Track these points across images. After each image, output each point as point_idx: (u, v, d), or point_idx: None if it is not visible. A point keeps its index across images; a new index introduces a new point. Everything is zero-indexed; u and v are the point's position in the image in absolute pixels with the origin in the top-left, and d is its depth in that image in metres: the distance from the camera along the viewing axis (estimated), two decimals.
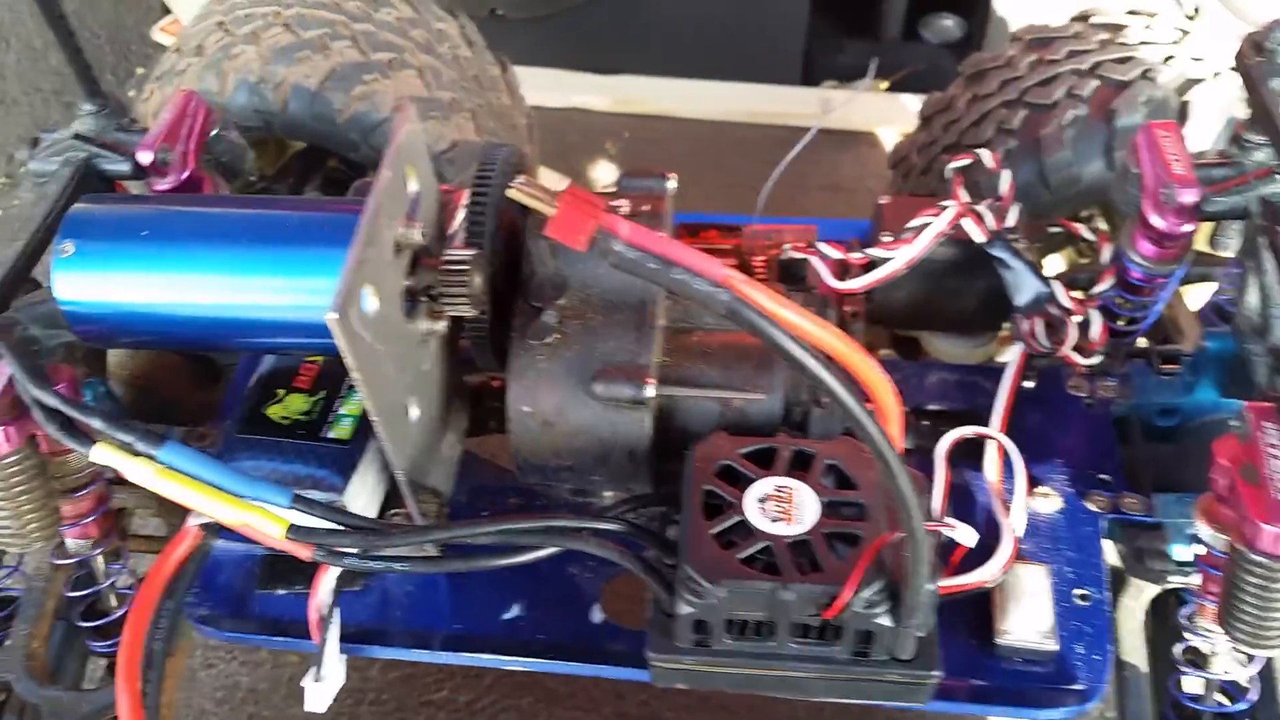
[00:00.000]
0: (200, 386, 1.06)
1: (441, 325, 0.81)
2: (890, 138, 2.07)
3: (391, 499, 0.86)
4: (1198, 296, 1.14)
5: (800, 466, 0.78)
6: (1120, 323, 0.96)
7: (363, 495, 0.85)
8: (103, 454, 0.74)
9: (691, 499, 0.76)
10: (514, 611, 0.86)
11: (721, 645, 0.73)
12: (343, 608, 0.85)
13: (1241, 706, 0.85)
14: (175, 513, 0.95)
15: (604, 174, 2.02)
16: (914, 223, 0.93)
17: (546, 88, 2.10)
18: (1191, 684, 0.87)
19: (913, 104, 2.09)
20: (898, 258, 0.91)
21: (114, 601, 0.94)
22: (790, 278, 1.00)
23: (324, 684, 0.81)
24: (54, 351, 0.82)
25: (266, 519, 0.74)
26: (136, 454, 0.74)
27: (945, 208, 0.93)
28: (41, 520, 0.82)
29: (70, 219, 0.80)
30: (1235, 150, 0.90)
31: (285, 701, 1.40)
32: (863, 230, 1.06)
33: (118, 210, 0.82)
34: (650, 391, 0.80)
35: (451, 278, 0.78)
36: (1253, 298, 0.85)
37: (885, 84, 2.14)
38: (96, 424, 0.74)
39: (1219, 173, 0.89)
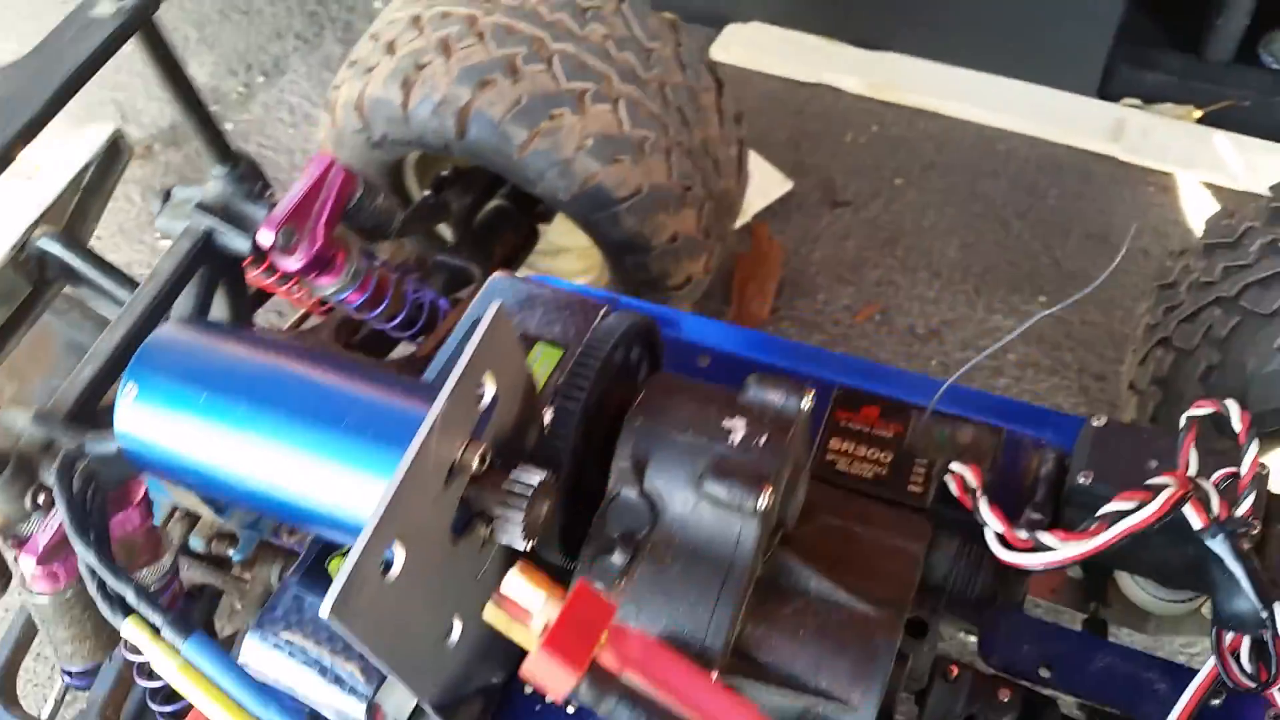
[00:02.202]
0: None
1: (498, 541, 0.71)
2: (1189, 185, 1.73)
3: None
4: None
5: None
6: None
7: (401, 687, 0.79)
8: (131, 630, 0.71)
9: None
10: None
11: None
12: None
13: None
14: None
15: (838, 173, 1.80)
16: (1109, 508, 0.74)
17: (795, 57, 1.88)
18: None
19: (1226, 146, 1.73)
20: (1066, 552, 0.73)
21: None
22: (952, 502, 0.83)
23: None
24: (121, 479, 0.79)
25: None
26: (162, 640, 0.70)
27: (1156, 490, 0.73)
28: (98, 638, 0.81)
29: (143, 353, 0.76)
30: None
31: None
32: (1070, 431, 0.87)
33: (190, 352, 0.76)
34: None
35: (511, 508, 0.68)
36: None
37: (1198, 113, 1.77)
38: (129, 598, 0.70)
39: None
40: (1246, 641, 0.75)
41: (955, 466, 0.82)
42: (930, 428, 0.88)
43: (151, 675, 0.93)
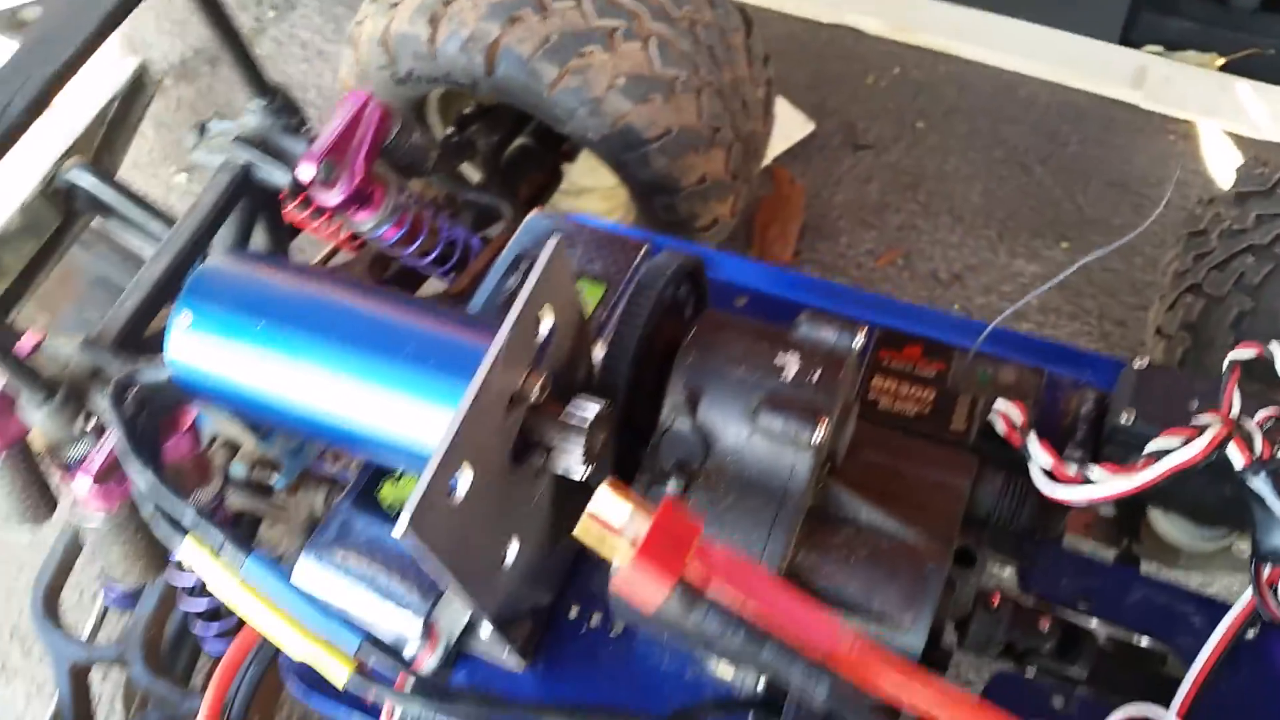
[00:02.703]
0: None
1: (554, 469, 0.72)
2: (1211, 134, 1.72)
3: None
4: None
5: None
6: None
7: (457, 604, 0.80)
8: (189, 550, 0.71)
9: None
10: None
11: None
12: None
13: None
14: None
15: (860, 116, 1.79)
16: (1154, 445, 0.75)
17: None
18: None
19: (1248, 95, 1.72)
20: (1114, 486, 0.74)
21: (228, 610, 0.95)
22: (995, 439, 0.84)
23: None
24: (172, 405, 0.80)
25: (332, 659, 0.70)
26: (221, 559, 0.71)
27: (1202, 428, 0.74)
28: (150, 558, 0.82)
29: (194, 283, 0.76)
30: None
31: None
32: (1111, 372, 0.88)
33: (244, 281, 0.76)
34: None
35: (570, 436, 0.69)
36: None
37: (1221, 61, 1.76)
38: (187, 519, 0.71)
39: None
40: None
41: (1000, 404, 0.83)
42: (973, 368, 0.89)
43: (196, 596, 0.96)
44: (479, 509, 0.67)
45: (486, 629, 0.83)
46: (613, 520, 0.53)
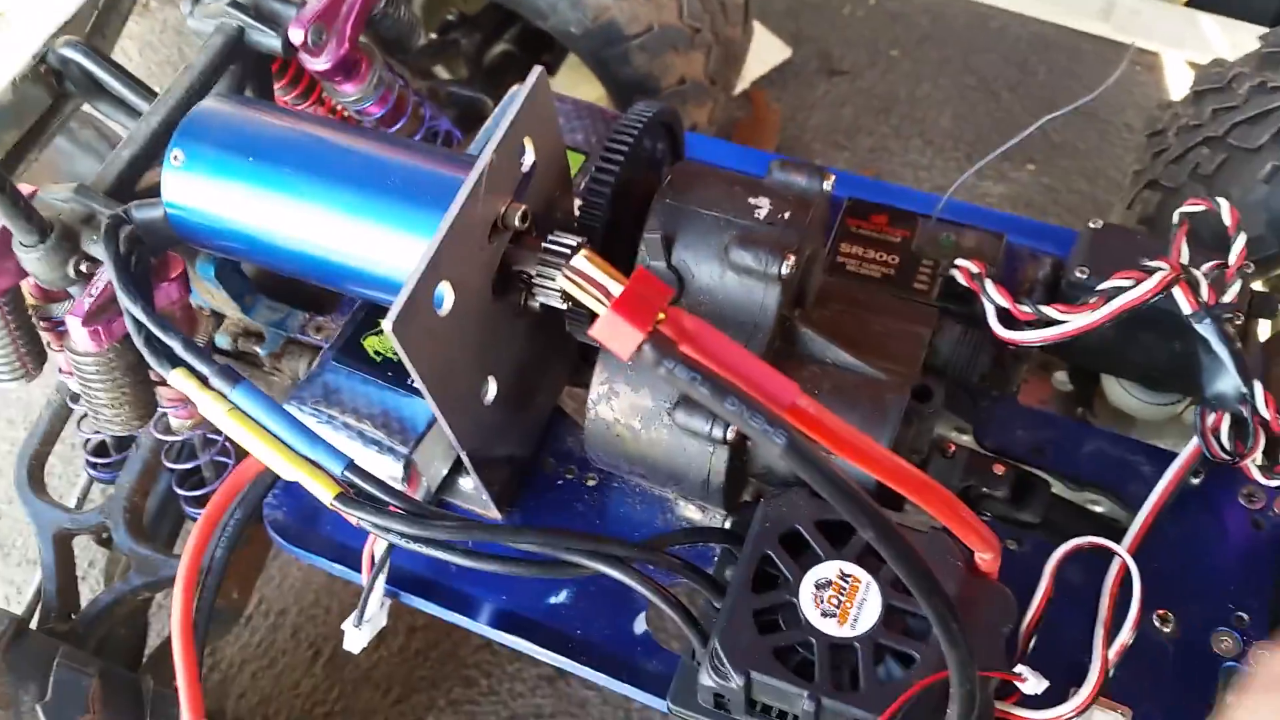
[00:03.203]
0: None
1: (534, 307, 0.75)
2: (1176, 64, 1.77)
3: None
4: None
5: (878, 555, 0.71)
6: None
7: (438, 449, 0.83)
8: (179, 380, 0.74)
9: (746, 563, 0.70)
10: (561, 597, 0.83)
11: (741, 718, 0.69)
12: (402, 551, 0.85)
13: None
14: None
15: (836, 44, 1.82)
16: (1106, 284, 0.79)
17: None
18: None
19: (1212, 28, 1.77)
20: (1071, 323, 0.78)
21: (212, 474, 0.98)
22: (955, 296, 0.88)
23: (363, 629, 0.82)
24: (164, 250, 0.82)
25: (318, 482, 0.72)
26: (211, 388, 0.73)
27: (1152, 271, 0.78)
28: (138, 406, 0.84)
29: (187, 124, 0.78)
30: None
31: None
32: (1066, 242, 0.92)
33: (235, 122, 0.78)
34: (730, 433, 0.73)
35: (549, 266, 0.72)
36: None
37: None
38: (177, 348, 0.73)
39: None
40: (1227, 420, 0.80)
41: (960, 260, 0.86)
42: (935, 233, 0.92)
43: (180, 458, 0.98)
44: (461, 331, 0.70)
45: (467, 481, 0.87)
46: (594, 276, 0.57)
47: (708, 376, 0.51)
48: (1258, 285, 1.13)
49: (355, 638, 0.82)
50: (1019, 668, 0.66)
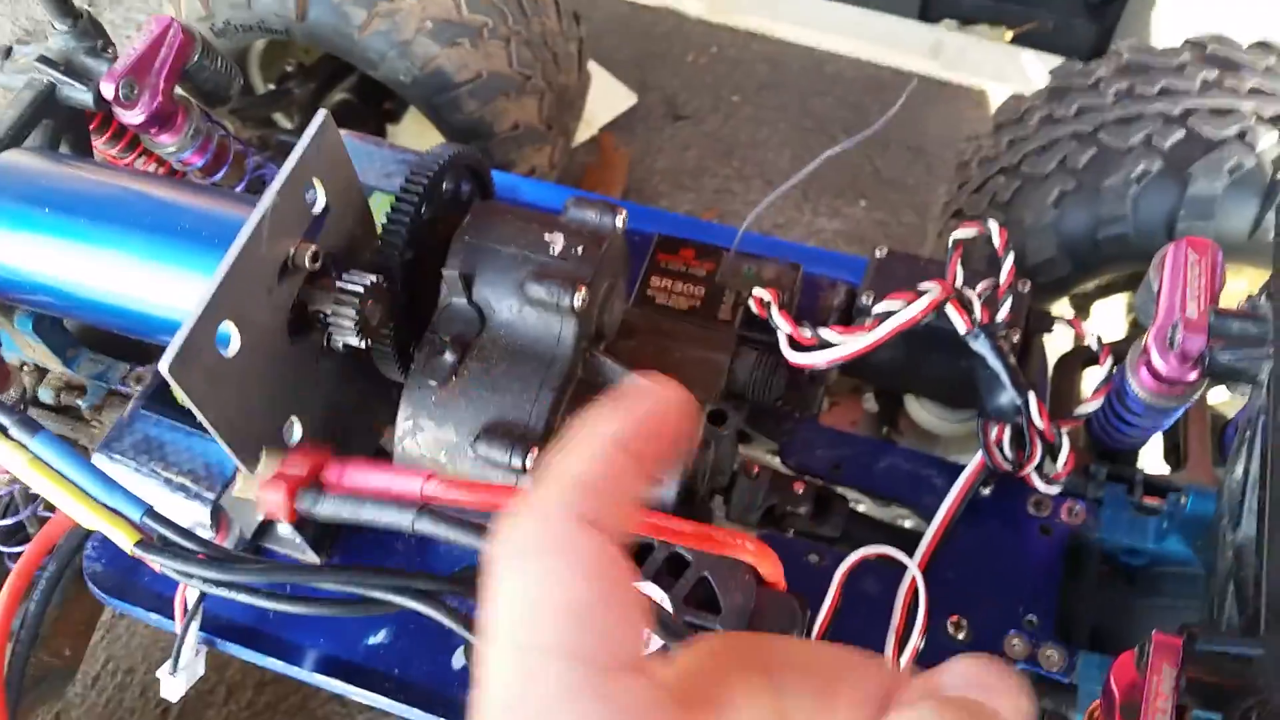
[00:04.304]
0: None
1: (337, 346, 0.77)
2: (1000, 98, 1.87)
3: None
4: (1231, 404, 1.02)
5: (673, 572, 0.74)
6: (1110, 433, 0.87)
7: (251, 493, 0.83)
8: None
9: None
10: (380, 637, 0.84)
11: None
12: (218, 598, 0.85)
13: None
14: None
15: (680, 90, 1.89)
16: (881, 307, 0.83)
17: None
18: None
19: (1033, 64, 1.88)
20: (845, 346, 0.82)
21: (36, 529, 0.96)
22: (756, 325, 0.92)
23: (179, 676, 0.82)
24: None
25: (118, 530, 0.72)
26: (10, 439, 0.73)
27: (923, 293, 0.83)
28: None
29: None
30: (1265, 304, 0.77)
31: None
32: (861, 271, 0.97)
33: (32, 174, 0.79)
34: (530, 462, 0.75)
35: (343, 306, 0.74)
36: (1238, 472, 0.75)
37: (1010, 34, 1.92)
38: None
39: (1238, 326, 0.76)
40: (1008, 432, 0.86)
41: (757, 291, 0.91)
42: (738, 265, 0.97)
43: (3, 514, 0.96)
44: (252, 372, 0.70)
45: (284, 526, 0.87)
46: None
47: (345, 499, 0.56)
48: (1063, 304, 1.21)
49: (171, 685, 0.82)
50: None
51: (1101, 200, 1.06)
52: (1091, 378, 0.99)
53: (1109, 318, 1.25)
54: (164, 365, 0.61)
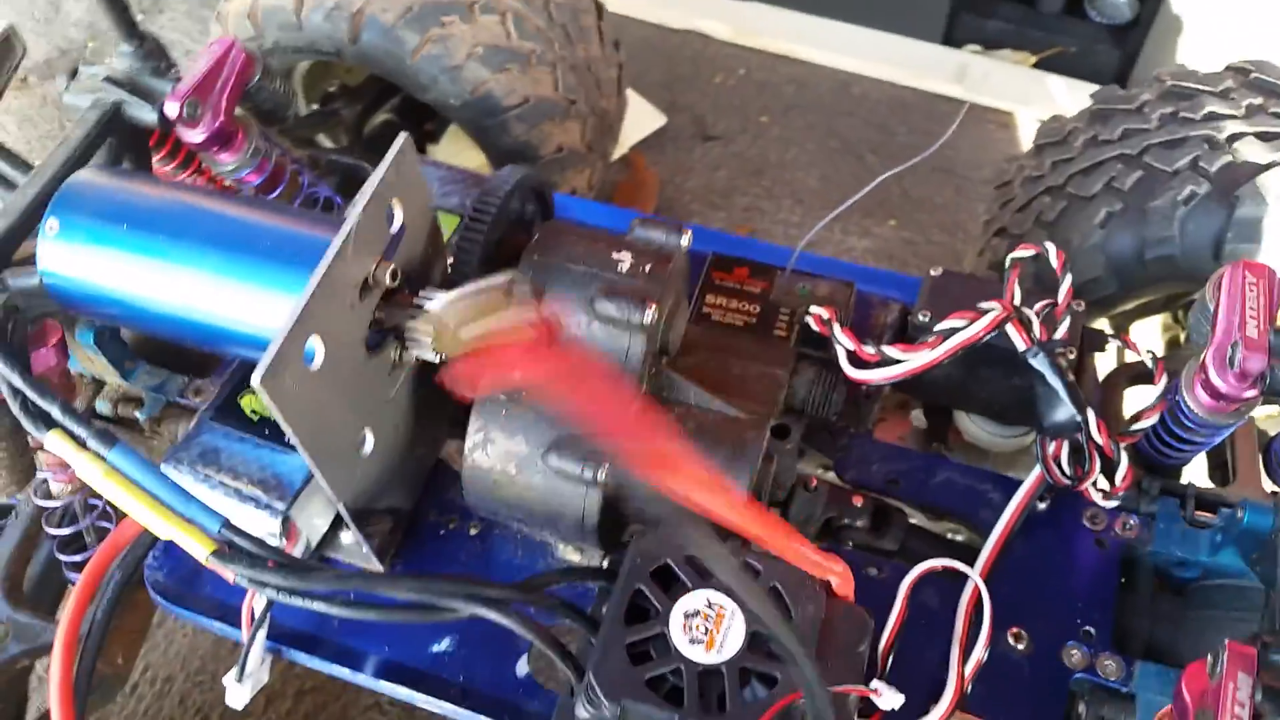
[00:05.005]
0: None
1: (409, 360, 0.78)
2: (1027, 121, 1.90)
3: None
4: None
5: None
6: (1162, 450, 0.88)
7: (314, 505, 0.84)
8: (55, 442, 0.74)
9: (619, 599, 0.73)
10: (444, 645, 0.85)
11: None
12: (283, 607, 0.86)
13: None
14: None
15: (709, 111, 1.91)
16: (943, 325, 0.85)
17: (668, 4, 1.98)
18: None
19: (1058, 88, 1.90)
20: (911, 362, 0.84)
21: (94, 539, 0.97)
22: (812, 341, 0.93)
23: (245, 684, 0.83)
24: (41, 317, 0.83)
25: (194, 539, 0.73)
26: (88, 450, 0.74)
27: (985, 311, 0.84)
28: (14, 471, 0.85)
29: (62, 195, 0.80)
30: None
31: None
32: (914, 290, 0.99)
33: (109, 192, 0.80)
34: (602, 475, 0.76)
35: (420, 322, 0.75)
36: None
37: (1034, 58, 1.94)
38: (55, 412, 0.74)
39: None
40: (1066, 447, 0.87)
41: (814, 308, 0.92)
42: (792, 283, 0.98)
43: (61, 523, 0.97)
44: (334, 385, 0.72)
45: (348, 535, 0.88)
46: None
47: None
48: (1103, 323, 1.22)
49: (237, 693, 0.83)
50: (874, 683, 0.70)
51: (1149, 222, 1.08)
52: (1133, 396, 1.00)
53: (1146, 337, 1.26)
54: (256, 378, 0.63)
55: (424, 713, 1.20)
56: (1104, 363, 1.05)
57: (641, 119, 1.83)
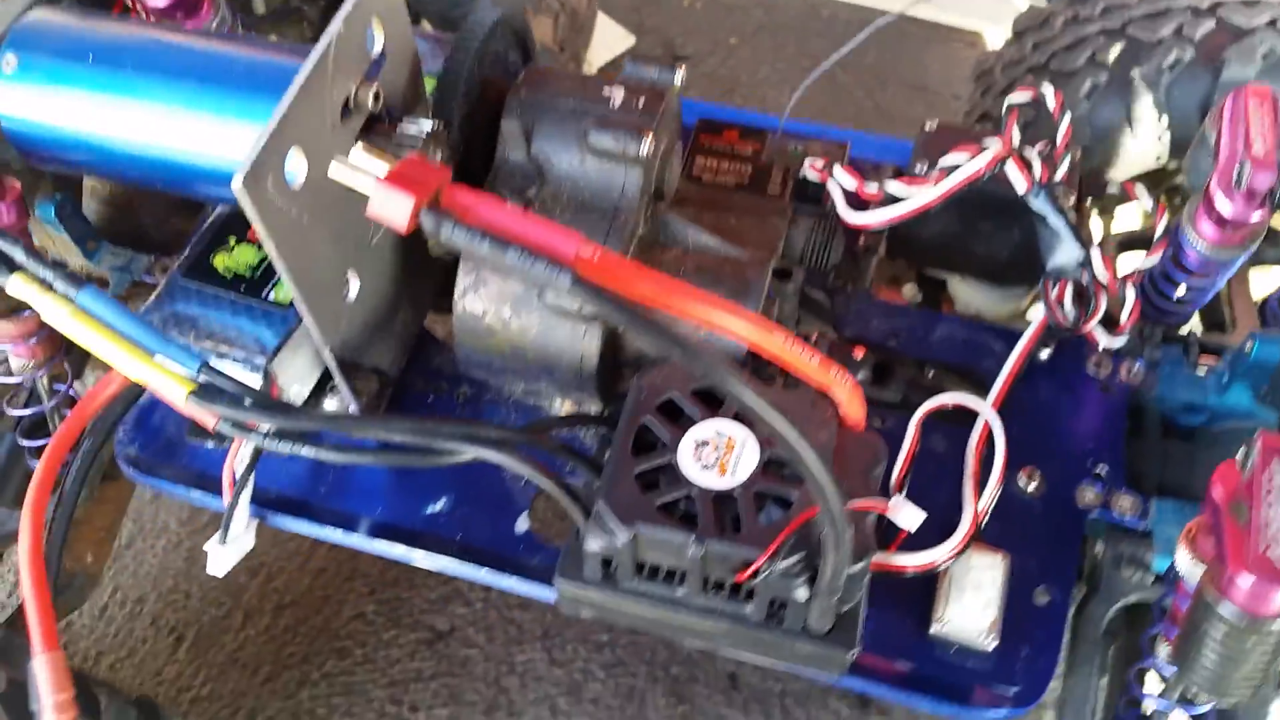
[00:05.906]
0: (178, 213, 1.01)
1: None
2: (996, 40, 1.89)
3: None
4: (1266, 282, 1.03)
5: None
6: (1162, 301, 0.87)
7: (297, 364, 0.80)
8: (19, 286, 0.70)
9: (624, 431, 0.70)
10: (439, 505, 0.82)
11: (628, 584, 0.68)
12: (267, 472, 0.82)
13: None
14: None
15: (678, 34, 1.88)
16: (946, 160, 0.83)
17: None
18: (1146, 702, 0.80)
19: (1025, 7, 1.90)
20: (915, 198, 0.81)
21: (58, 422, 0.93)
22: (806, 198, 0.91)
23: (228, 548, 0.79)
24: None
25: (171, 380, 0.69)
26: (54, 292, 0.70)
27: (985, 148, 0.82)
28: None
29: (18, 30, 0.75)
30: None
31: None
32: (906, 153, 0.96)
33: (69, 27, 0.76)
34: None
35: (404, 150, 0.71)
36: None
37: None
38: (18, 255, 0.70)
39: None
40: (1070, 289, 0.85)
41: (809, 160, 0.89)
42: (784, 143, 0.96)
43: (25, 403, 0.92)
44: (315, 212, 0.67)
45: (332, 402, 0.84)
46: (369, 168, 0.57)
47: (486, 234, 0.51)
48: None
49: (220, 556, 0.79)
50: (893, 499, 0.68)
51: (1134, 91, 1.06)
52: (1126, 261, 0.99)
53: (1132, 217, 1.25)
54: (237, 181, 0.59)
55: (408, 614, 1.18)
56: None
57: (610, 39, 1.79)
